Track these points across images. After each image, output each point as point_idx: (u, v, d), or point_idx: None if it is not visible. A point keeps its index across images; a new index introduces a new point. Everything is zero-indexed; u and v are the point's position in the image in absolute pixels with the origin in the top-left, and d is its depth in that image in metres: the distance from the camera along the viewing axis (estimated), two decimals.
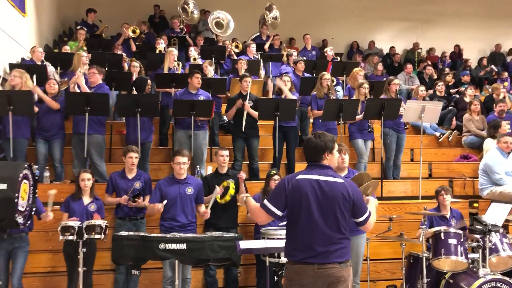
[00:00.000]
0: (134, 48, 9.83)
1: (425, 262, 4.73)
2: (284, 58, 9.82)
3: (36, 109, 6.22)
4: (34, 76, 6.49)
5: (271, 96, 7.42)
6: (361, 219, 3.23)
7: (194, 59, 9.05)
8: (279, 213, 3.18)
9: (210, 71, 7.90)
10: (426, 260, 4.77)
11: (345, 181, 3.20)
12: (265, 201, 3.21)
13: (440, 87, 9.78)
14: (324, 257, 3.05)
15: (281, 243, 3.36)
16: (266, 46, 10.59)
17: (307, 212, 3.09)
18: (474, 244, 4.71)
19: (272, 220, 3.31)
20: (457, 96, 10.20)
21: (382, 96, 7.28)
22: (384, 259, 5.95)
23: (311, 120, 7.76)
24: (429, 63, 12.48)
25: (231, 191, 5.14)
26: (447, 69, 11.84)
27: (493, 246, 4.72)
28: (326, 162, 3.22)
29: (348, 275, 3.13)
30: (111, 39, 10.04)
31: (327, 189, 3.10)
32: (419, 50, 14.03)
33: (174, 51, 7.83)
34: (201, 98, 6.60)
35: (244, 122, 6.63)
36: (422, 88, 8.63)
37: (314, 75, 8.51)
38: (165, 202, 4.84)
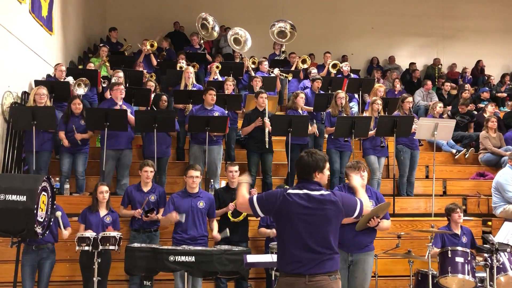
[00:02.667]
0: (155, 62, 10.12)
1: (432, 280, 4.75)
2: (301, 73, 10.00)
3: None
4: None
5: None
6: (356, 214, 3.37)
7: (218, 67, 9.33)
8: (260, 214, 3.33)
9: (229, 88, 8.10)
10: (433, 277, 4.79)
11: (331, 191, 3.29)
12: (254, 199, 3.30)
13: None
14: (313, 268, 3.12)
15: None
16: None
17: (296, 226, 3.18)
18: (482, 263, 4.70)
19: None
20: (476, 112, 10.14)
21: (396, 113, 7.34)
22: (395, 276, 5.97)
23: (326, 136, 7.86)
24: (446, 79, 12.44)
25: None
26: (467, 85, 11.76)
27: (501, 266, 4.70)
28: (317, 180, 3.30)
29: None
30: (133, 56, 10.36)
31: (315, 203, 3.19)
32: (439, 66, 13.98)
33: (190, 69, 8.09)
34: (216, 114, 6.79)
35: (267, 139, 6.76)
36: (440, 104, 8.65)
37: (330, 91, 8.61)
38: (183, 216, 4.96)
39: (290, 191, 3.26)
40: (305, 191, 3.23)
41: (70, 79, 7.89)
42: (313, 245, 3.15)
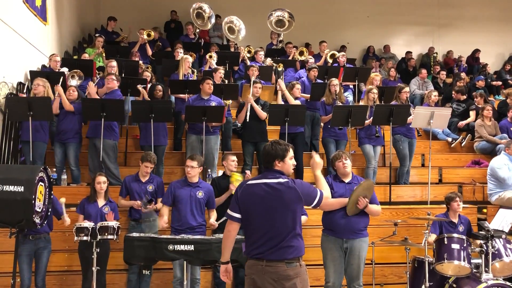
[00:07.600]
0: (150, 52, 10.07)
1: (429, 267, 4.80)
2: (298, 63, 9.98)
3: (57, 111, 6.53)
4: (61, 79, 6.80)
5: (279, 99, 7.51)
6: (315, 203, 3.43)
7: (211, 57, 9.31)
8: (237, 215, 3.39)
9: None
10: (430, 264, 4.84)
11: (289, 179, 3.36)
12: (228, 210, 3.44)
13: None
14: (271, 254, 3.24)
15: None
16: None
17: (257, 213, 3.30)
18: (477, 250, 4.75)
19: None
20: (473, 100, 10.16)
21: (393, 103, 7.35)
22: (391, 263, 6.01)
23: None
24: (440, 67, 12.45)
25: (240, 178, 5.32)
26: (462, 74, 11.79)
27: (496, 252, 4.75)
28: (278, 168, 3.39)
29: (296, 274, 3.25)
30: (129, 46, 10.31)
31: (274, 190, 3.29)
32: (434, 55, 14.00)
33: (189, 58, 8.05)
34: (213, 104, 6.77)
35: (248, 114, 6.74)
36: (435, 93, 8.66)
37: (326, 80, 8.60)
38: (165, 218, 5.02)
39: (249, 182, 3.42)
40: (263, 180, 3.36)
41: (65, 69, 7.85)
42: (271, 232, 3.26)
